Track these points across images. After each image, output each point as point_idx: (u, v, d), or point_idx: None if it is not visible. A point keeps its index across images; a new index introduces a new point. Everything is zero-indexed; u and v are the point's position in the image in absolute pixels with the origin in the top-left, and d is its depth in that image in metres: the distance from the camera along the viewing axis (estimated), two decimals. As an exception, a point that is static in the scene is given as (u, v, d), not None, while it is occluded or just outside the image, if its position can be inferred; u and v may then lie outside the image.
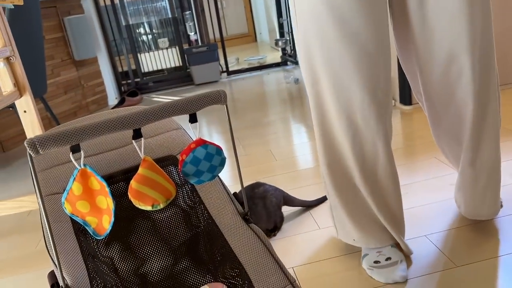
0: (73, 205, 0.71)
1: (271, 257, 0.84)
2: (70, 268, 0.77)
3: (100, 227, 0.72)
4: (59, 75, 3.44)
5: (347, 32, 0.99)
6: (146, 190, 0.73)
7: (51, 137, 0.64)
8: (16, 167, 2.66)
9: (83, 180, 0.70)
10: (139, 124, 0.70)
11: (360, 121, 1.05)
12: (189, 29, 4.24)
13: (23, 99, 1.41)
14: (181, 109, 0.74)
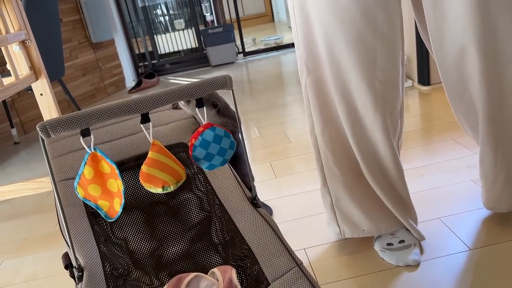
0: (85, 189, 0.72)
1: (278, 240, 0.84)
2: (83, 249, 0.80)
3: (112, 210, 0.73)
4: (76, 57, 3.47)
5: (343, 18, 0.96)
6: (156, 172, 0.74)
7: (61, 121, 0.65)
8: (36, 148, 2.72)
9: (94, 164, 0.71)
10: (146, 108, 0.71)
11: (360, 109, 1.03)
12: (205, 10, 4.20)
13: (39, 82, 1.44)
14: (187, 94, 0.74)
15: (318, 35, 1.01)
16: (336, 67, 1.01)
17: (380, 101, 1.01)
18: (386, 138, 1.04)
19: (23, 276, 1.39)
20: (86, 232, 0.83)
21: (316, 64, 1.05)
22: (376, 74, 0.99)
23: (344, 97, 1.03)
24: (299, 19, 1.03)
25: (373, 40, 0.97)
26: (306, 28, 1.03)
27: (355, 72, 0.99)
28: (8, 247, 1.58)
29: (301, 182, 1.65)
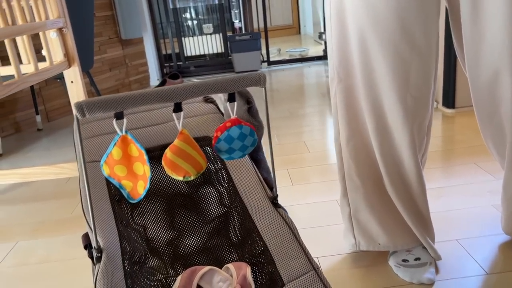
0: (111, 168, 0.73)
1: (296, 242, 0.84)
2: (103, 231, 0.81)
3: (135, 191, 0.74)
4: (105, 52, 3.54)
5: (381, 29, 0.96)
6: (179, 161, 0.75)
7: (97, 102, 0.67)
8: (58, 136, 2.77)
9: (123, 146, 0.72)
10: (180, 98, 0.72)
11: (389, 121, 1.03)
12: (234, 17, 4.26)
13: (71, 69, 1.47)
14: (220, 88, 0.75)
15: (353, 44, 1.01)
16: (369, 77, 1.01)
17: (410, 116, 1.01)
18: (412, 153, 1.03)
19: (37, 257, 1.41)
20: (108, 215, 0.84)
21: (348, 73, 1.05)
22: (409, 89, 0.99)
23: (374, 108, 1.03)
24: (335, 26, 1.04)
25: (409, 55, 0.97)
26: (342, 35, 1.03)
27: (388, 84, 0.99)
28: (24, 229, 1.60)
29: (317, 192, 1.65)
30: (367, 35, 0.98)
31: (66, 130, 2.88)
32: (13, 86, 1.20)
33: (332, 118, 2.59)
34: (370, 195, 1.13)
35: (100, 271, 0.74)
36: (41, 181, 2.00)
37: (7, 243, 1.51)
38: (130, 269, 0.78)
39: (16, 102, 2.91)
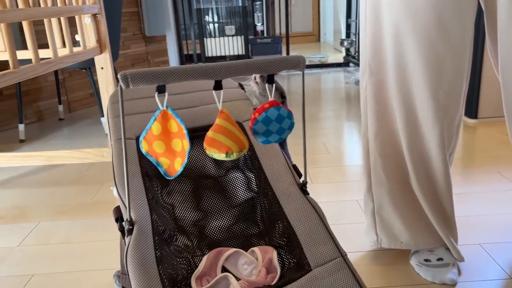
0: (150, 144, 0.74)
1: (324, 229, 0.84)
2: (135, 205, 0.82)
3: (172, 168, 0.75)
4: (129, 47, 3.59)
5: (418, 23, 0.96)
6: (221, 138, 0.75)
7: (142, 74, 0.68)
8: (79, 126, 2.81)
9: (163, 121, 0.73)
10: (221, 75, 0.73)
11: (420, 117, 1.03)
12: (257, 19, 4.29)
13: (102, 56, 1.50)
14: (260, 69, 0.76)
15: (387, 37, 1.02)
16: (401, 71, 1.01)
17: (441, 112, 1.01)
18: (441, 150, 1.03)
19: (57, 238, 1.43)
20: (139, 190, 0.85)
21: (380, 67, 1.06)
22: (442, 84, 0.99)
23: (405, 103, 1.03)
24: (370, 19, 1.04)
25: (444, 51, 0.97)
26: (376, 28, 1.04)
27: (420, 79, 0.99)
28: (46, 211, 1.63)
29: (337, 192, 1.65)
30: (402, 29, 0.98)
31: (87, 121, 2.92)
32: (49, 65, 1.23)
33: (348, 122, 2.59)
34: (395, 192, 1.12)
35: (131, 242, 0.75)
36: (63, 167, 2.03)
37: (29, 223, 1.53)
38: (159, 244, 0.79)
39: (40, 91, 2.96)
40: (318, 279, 0.76)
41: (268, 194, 0.93)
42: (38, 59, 1.20)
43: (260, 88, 1.14)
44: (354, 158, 1.98)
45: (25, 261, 1.31)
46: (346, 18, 4.55)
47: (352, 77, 3.90)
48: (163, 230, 0.84)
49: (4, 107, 2.75)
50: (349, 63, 4.43)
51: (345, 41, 4.41)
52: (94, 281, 1.18)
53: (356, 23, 4.31)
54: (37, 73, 1.18)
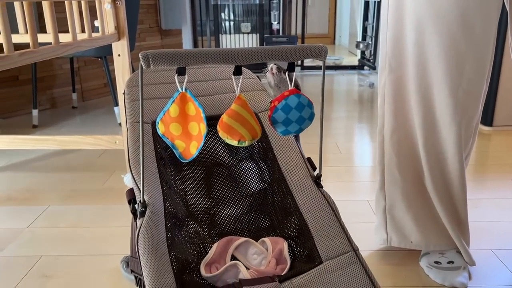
0: (167, 126, 0.74)
1: (337, 222, 0.83)
2: (149, 188, 0.82)
3: (187, 152, 0.75)
4: (144, 40, 3.60)
5: (441, 19, 0.95)
6: (236, 125, 0.75)
7: (163, 55, 0.68)
8: (92, 115, 2.82)
9: (181, 104, 0.73)
10: (242, 61, 0.73)
11: (438, 115, 1.01)
12: (273, 18, 4.28)
13: (120, 42, 1.50)
14: (281, 56, 0.75)
15: (409, 33, 1.01)
16: (421, 68, 1.00)
17: (459, 111, 0.99)
18: (458, 150, 1.02)
19: (66, 222, 1.43)
20: (153, 174, 0.85)
21: (400, 63, 1.05)
22: (462, 83, 0.98)
23: (423, 100, 1.02)
24: (392, 15, 1.03)
25: (466, 49, 0.96)
26: (398, 24, 1.03)
27: (441, 76, 0.98)
28: (56, 195, 1.63)
29: (347, 191, 1.64)
30: (424, 25, 0.97)
31: (99, 111, 2.93)
32: (68, 48, 1.24)
33: (359, 124, 2.57)
34: (408, 191, 1.11)
35: (143, 224, 0.74)
36: (75, 153, 2.04)
37: (39, 206, 1.54)
38: (171, 228, 0.79)
39: (55, 78, 2.99)
40: (328, 272, 0.75)
41: (281, 185, 0.92)
42: (57, 41, 1.21)
43: (276, 79, 1.14)
44: (365, 159, 1.97)
45: (34, 242, 1.31)
46: (362, 21, 4.53)
47: (366, 80, 3.88)
48: (175, 214, 0.84)
49: (19, 92, 2.78)
50: (364, 66, 4.41)
51: (360, 44, 4.39)
52: (101, 266, 1.18)
53: (373, 26, 4.28)
54: (56, 54, 1.18)
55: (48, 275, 1.15)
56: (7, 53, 1.01)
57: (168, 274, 0.69)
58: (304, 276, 0.74)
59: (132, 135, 0.90)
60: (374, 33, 4.23)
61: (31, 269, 1.17)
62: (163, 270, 0.69)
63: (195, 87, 1.04)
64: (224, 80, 1.08)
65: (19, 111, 2.79)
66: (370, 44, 4.35)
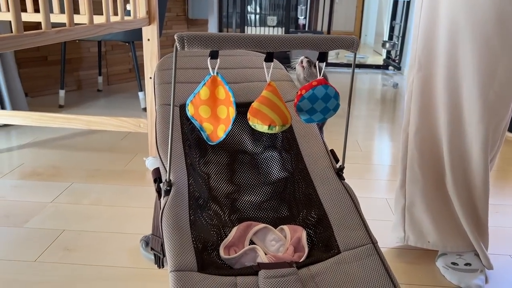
0: (196, 108, 0.76)
1: (357, 214, 0.84)
2: (174, 169, 0.83)
3: (214, 134, 0.76)
4: (171, 28, 3.63)
5: (476, 18, 0.94)
6: (266, 110, 0.75)
7: (198, 37, 0.69)
8: (116, 99, 2.87)
9: (212, 87, 0.75)
10: (274, 47, 0.73)
11: (466, 116, 1.01)
12: (300, 13, 4.27)
13: (150, 27, 1.52)
14: (313, 45, 0.76)
15: (442, 31, 1.00)
16: (452, 66, 0.99)
17: (488, 113, 0.98)
18: (484, 152, 1.01)
19: (89, 199, 1.47)
20: (179, 155, 0.87)
21: (430, 61, 1.04)
22: (493, 84, 0.97)
23: (451, 99, 1.01)
24: (425, 13, 1.03)
25: (500, 50, 0.94)
26: (430, 21, 1.02)
27: (472, 76, 0.97)
28: (79, 173, 1.68)
29: (366, 188, 1.64)
30: (458, 23, 0.96)
31: (124, 95, 2.98)
32: (101, 28, 1.27)
33: (381, 123, 2.55)
34: (429, 190, 1.11)
35: (168, 202, 0.76)
36: (99, 134, 2.08)
37: (63, 182, 1.59)
38: (194, 208, 0.81)
39: (82, 60, 3.04)
40: (346, 262, 0.76)
41: (303, 175, 0.93)
42: (92, 21, 1.23)
43: (306, 73, 1.14)
44: (385, 158, 1.96)
45: (57, 216, 1.35)
46: (390, 20, 4.47)
47: (390, 80, 3.84)
48: (198, 196, 0.85)
49: (47, 72, 2.84)
50: (389, 66, 4.36)
51: (387, 43, 4.35)
52: (120, 244, 1.21)
53: (400, 26, 4.23)
54: (90, 34, 1.21)
55: (70, 248, 1.19)
56: (44, 30, 1.04)
57: (189, 251, 0.71)
58: (322, 264, 0.75)
59: (161, 116, 0.92)
60: (401, 33, 4.18)
61: (53, 242, 1.21)
62: (185, 248, 0.71)
63: (225, 73, 1.05)
64: (253, 68, 1.09)
65: (46, 90, 2.86)
66: (396, 44, 4.30)
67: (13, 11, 0.96)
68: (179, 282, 0.66)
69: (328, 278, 0.72)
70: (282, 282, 0.68)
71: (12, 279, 1.06)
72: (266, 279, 0.68)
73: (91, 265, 1.12)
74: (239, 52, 1.13)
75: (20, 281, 1.05)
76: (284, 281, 0.68)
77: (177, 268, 0.67)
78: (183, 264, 0.68)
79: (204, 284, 0.67)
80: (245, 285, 0.68)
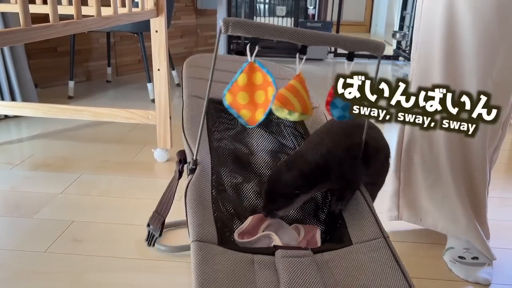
0: (234, 96, 0.76)
1: (369, 211, 0.84)
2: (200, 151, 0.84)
3: (252, 119, 0.77)
4: (179, 18, 3.62)
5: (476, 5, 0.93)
6: (290, 96, 0.77)
7: (242, 23, 0.71)
8: (125, 90, 2.88)
9: (249, 73, 0.75)
10: (309, 42, 0.76)
11: None
12: (309, 3, 4.23)
13: (158, 19, 1.52)
14: (344, 44, 0.78)
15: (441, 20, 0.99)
16: (450, 54, 0.99)
17: None
18: (481, 139, 1.01)
19: (98, 190, 1.48)
20: (204, 141, 0.89)
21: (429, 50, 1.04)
22: (492, 72, 0.96)
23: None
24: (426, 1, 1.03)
25: (500, 36, 0.93)
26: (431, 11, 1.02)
27: (470, 63, 0.96)
28: (88, 164, 1.69)
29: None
30: (459, 12, 0.95)
31: (132, 86, 2.99)
32: (109, 20, 1.27)
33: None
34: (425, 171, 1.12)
35: (193, 179, 0.77)
36: (107, 126, 2.09)
37: (72, 173, 1.60)
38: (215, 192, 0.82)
39: (91, 51, 3.05)
40: (357, 253, 0.76)
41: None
42: (100, 13, 1.23)
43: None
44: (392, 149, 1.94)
45: (66, 207, 1.37)
46: (401, 10, 4.41)
47: (400, 70, 3.80)
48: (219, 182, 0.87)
49: (56, 63, 2.85)
50: (399, 56, 4.32)
51: (397, 34, 4.29)
52: (129, 235, 1.23)
53: (411, 16, 4.17)
54: (98, 27, 1.21)
55: (79, 239, 1.20)
56: (52, 23, 1.04)
57: (211, 225, 0.72)
58: (335, 252, 0.76)
59: (188, 105, 0.95)
60: (412, 24, 4.12)
61: (63, 232, 1.23)
62: (207, 221, 0.72)
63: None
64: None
65: (55, 81, 2.87)
66: (407, 35, 4.25)
67: (21, 4, 0.96)
68: (200, 251, 0.66)
69: (341, 265, 0.72)
70: (298, 262, 0.69)
71: (22, 270, 1.07)
72: (283, 258, 0.70)
73: (99, 256, 1.13)
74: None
75: (29, 271, 1.07)
76: (300, 261, 0.69)
77: (199, 238, 0.68)
78: (204, 235, 0.69)
79: (223, 256, 0.68)
80: (262, 262, 0.69)
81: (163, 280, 1.05)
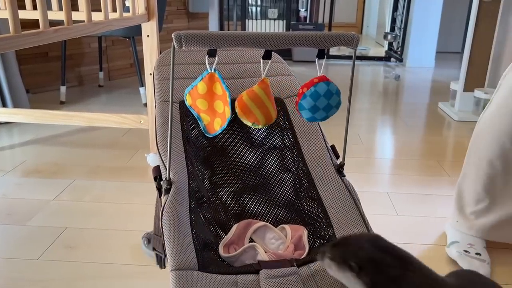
0: (194, 100, 0.76)
1: (357, 211, 0.84)
2: (174, 167, 0.83)
3: (211, 126, 0.77)
4: (171, 22, 3.62)
5: None
6: (253, 107, 0.77)
7: (195, 36, 0.69)
8: (117, 94, 2.87)
9: (209, 83, 0.75)
10: (272, 45, 0.73)
11: None
12: (301, 5, 4.24)
13: (149, 23, 1.52)
14: (312, 42, 0.75)
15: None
16: None
17: None
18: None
19: (91, 196, 1.48)
20: (180, 153, 0.87)
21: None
22: None
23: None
24: None
25: None
26: None
27: None
28: (81, 170, 1.68)
29: (367, 182, 1.63)
30: None
31: (125, 90, 2.98)
32: (100, 26, 1.26)
33: (383, 115, 2.54)
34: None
35: (168, 201, 0.76)
36: (100, 131, 2.08)
37: (64, 179, 1.59)
38: (194, 206, 0.81)
39: (83, 56, 3.04)
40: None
41: (304, 173, 0.93)
42: (90, 19, 1.23)
43: None
44: (387, 152, 1.95)
45: (59, 214, 1.36)
46: (392, 12, 4.44)
47: (392, 72, 3.82)
48: (198, 193, 0.86)
49: (48, 68, 2.84)
50: (391, 57, 4.34)
51: (388, 35, 4.32)
52: (123, 240, 1.22)
53: (402, 17, 4.20)
54: (88, 32, 1.21)
55: (72, 246, 1.19)
56: (42, 29, 1.04)
57: (190, 250, 0.71)
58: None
59: (161, 113, 0.92)
60: (403, 25, 4.15)
61: (56, 239, 1.22)
62: (185, 247, 0.71)
63: (225, 69, 1.05)
64: (254, 63, 1.08)
65: (47, 87, 2.85)
66: (398, 36, 4.27)
67: (10, 11, 0.95)
68: (179, 281, 0.66)
69: (327, 276, 0.72)
70: (283, 282, 0.68)
71: (15, 277, 1.06)
72: (267, 279, 0.68)
73: (93, 262, 1.12)
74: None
75: (23, 279, 1.06)
76: (285, 281, 0.68)
77: (177, 267, 0.68)
78: (183, 263, 0.69)
79: (204, 283, 0.67)
80: (246, 283, 0.68)
81: (158, 286, 1.05)
